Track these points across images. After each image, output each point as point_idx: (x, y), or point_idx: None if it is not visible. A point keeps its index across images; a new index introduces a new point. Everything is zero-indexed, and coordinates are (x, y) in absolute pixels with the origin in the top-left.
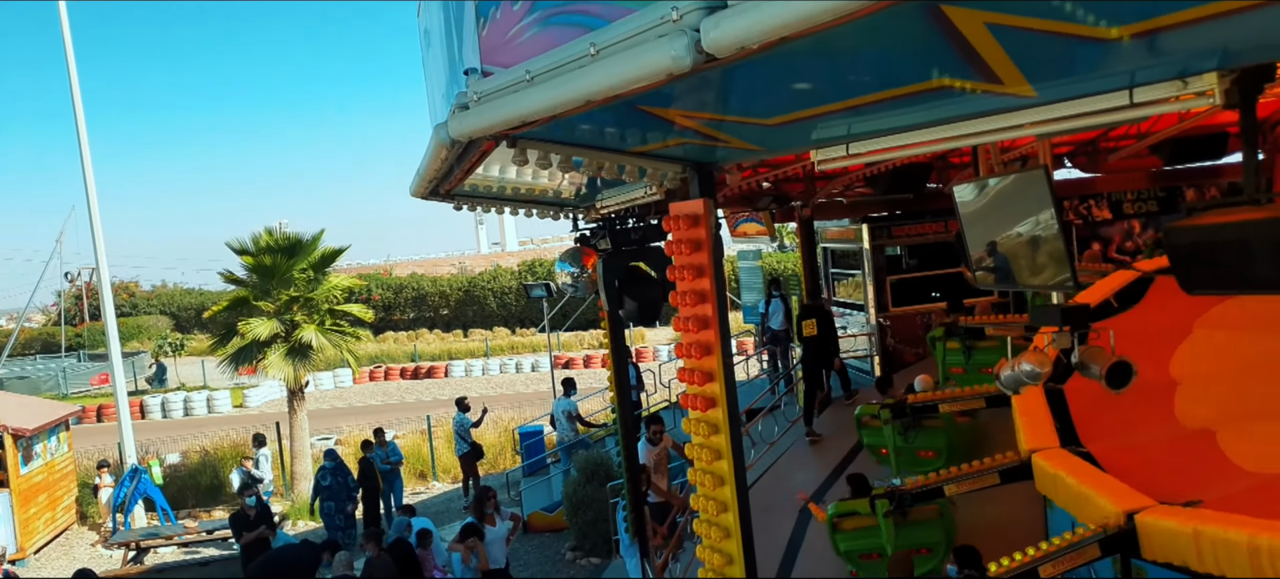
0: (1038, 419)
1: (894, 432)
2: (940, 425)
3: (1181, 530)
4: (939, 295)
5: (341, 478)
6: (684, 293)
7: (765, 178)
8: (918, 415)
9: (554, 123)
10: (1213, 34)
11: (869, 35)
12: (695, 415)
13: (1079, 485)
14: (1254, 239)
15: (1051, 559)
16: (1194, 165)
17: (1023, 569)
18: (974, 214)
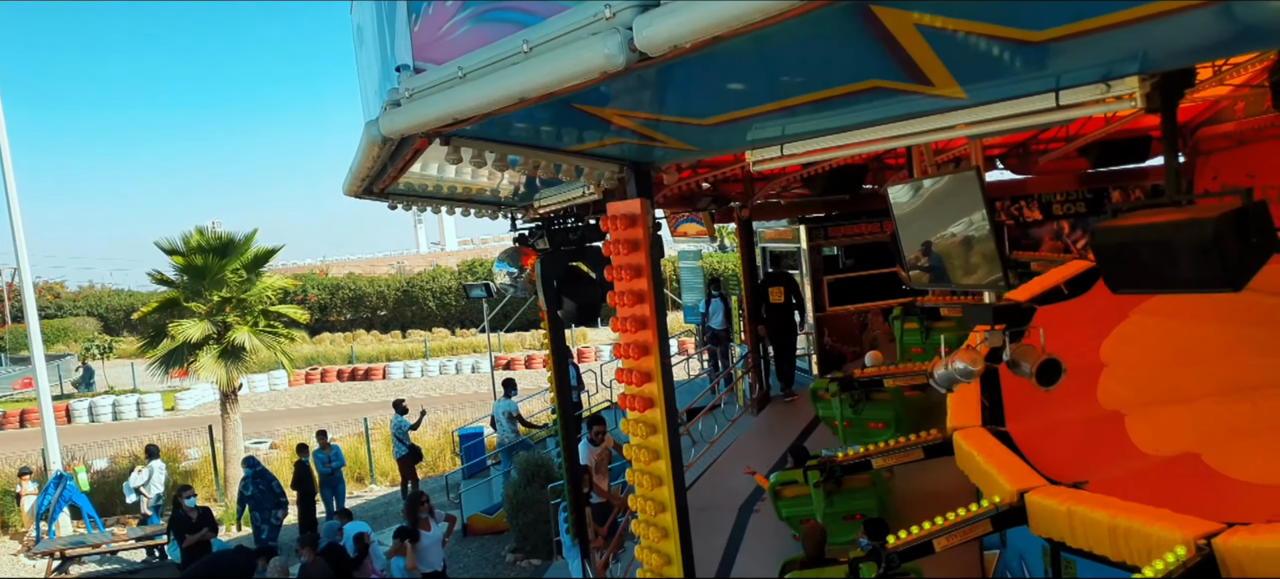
0: (966, 398)
1: (843, 404)
2: (888, 399)
3: (1058, 509)
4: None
5: (264, 484)
6: (622, 293)
7: (705, 178)
8: (866, 389)
9: (488, 120)
10: (1132, 39)
11: (801, 35)
12: (633, 416)
13: (984, 463)
14: (1174, 239)
15: (946, 533)
16: (1120, 168)
17: (918, 541)
18: (908, 215)
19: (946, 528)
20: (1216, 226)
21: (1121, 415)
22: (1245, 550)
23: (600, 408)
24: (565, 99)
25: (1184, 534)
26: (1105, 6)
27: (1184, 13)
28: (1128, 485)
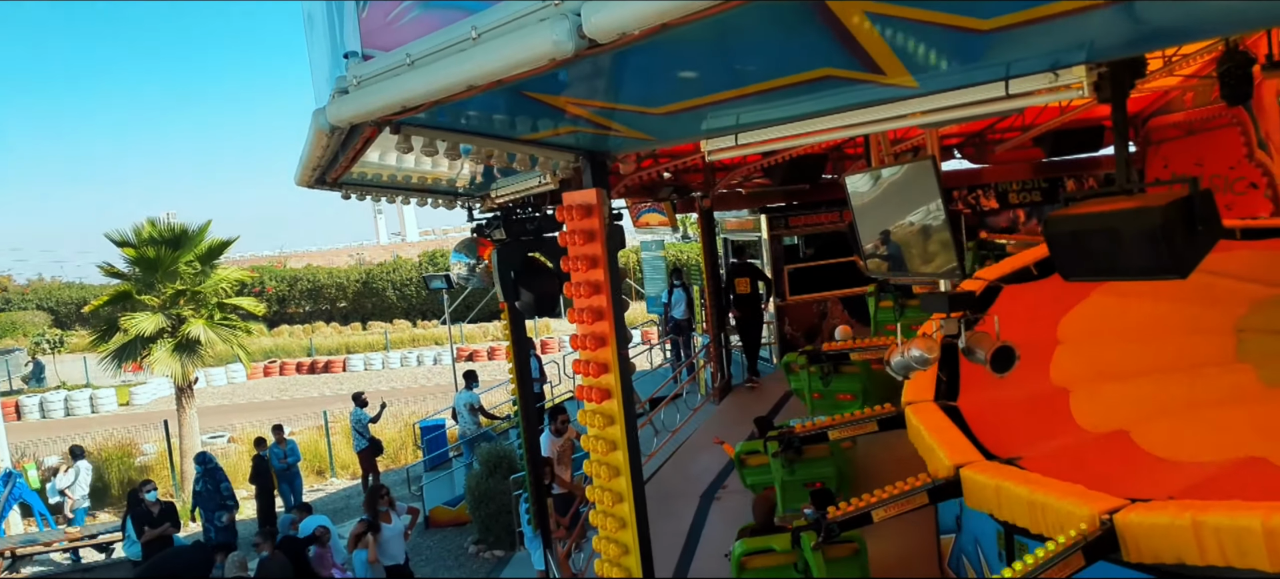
0: (950, 436)
1: (813, 377)
2: (857, 372)
3: (988, 484)
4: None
5: (211, 484)
6: (578, 284)
7: (666, 168)
8: (835, 362)
9: (439, 109)
10: (1079, 28)
11: (751, 23)
12: (590, 407)
13: (928, 437)
14: (1124, 228)
15: (884, 505)
16: (1074, 157)
17: (857, 513)
18: (866, 205)
19: (884, 500)
20: (1164, 215)
21: (1067, 391)
22: (1141, 526)
23: (564, 399)
24: (517, 87)
25: (1089, 510)
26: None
27: (1119, 4)
28: (1060, 460)
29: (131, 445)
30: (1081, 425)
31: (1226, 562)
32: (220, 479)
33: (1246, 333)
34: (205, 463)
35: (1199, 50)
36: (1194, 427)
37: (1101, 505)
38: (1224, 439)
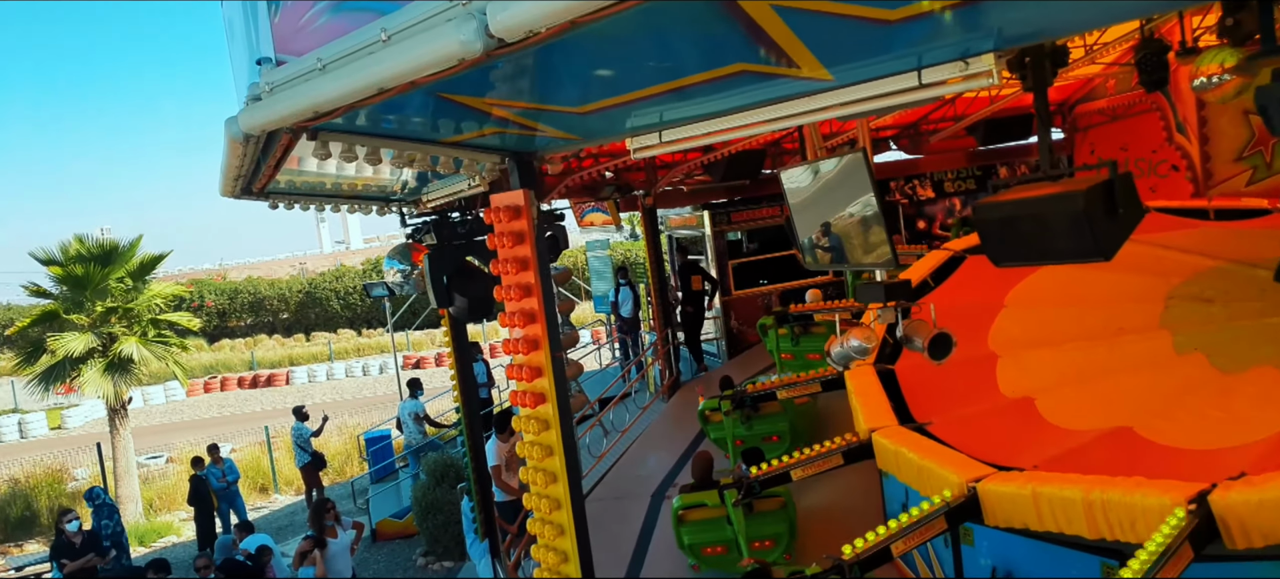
0: (874, 399)
1: (735, 422)
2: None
3: (889, 448)
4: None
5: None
6: (508, 287)
7: (607, 167)
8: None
9: (356, 113)
10: (982, 16)
11: (660, 19)
12: (526, 412)
13: (854, 400)
14: (1049, 212)
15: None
16: (1006, 145)
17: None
18: (802, 199)
19: (802, 461)
20: (1087, 199)
21: (996, 357)
22: (995, 495)
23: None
24: (434, 88)
25: (959, 477)
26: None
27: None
28: (968, 426)
29: (62, 471)
30: (1001, 391)
31: (1058, 528)
32: (111, 514)
33: (1175, 300)
34: (94, 500)
35: (1118, 38)
36: (1088, 395)
37: (970, 473)
38: (1107, 409)
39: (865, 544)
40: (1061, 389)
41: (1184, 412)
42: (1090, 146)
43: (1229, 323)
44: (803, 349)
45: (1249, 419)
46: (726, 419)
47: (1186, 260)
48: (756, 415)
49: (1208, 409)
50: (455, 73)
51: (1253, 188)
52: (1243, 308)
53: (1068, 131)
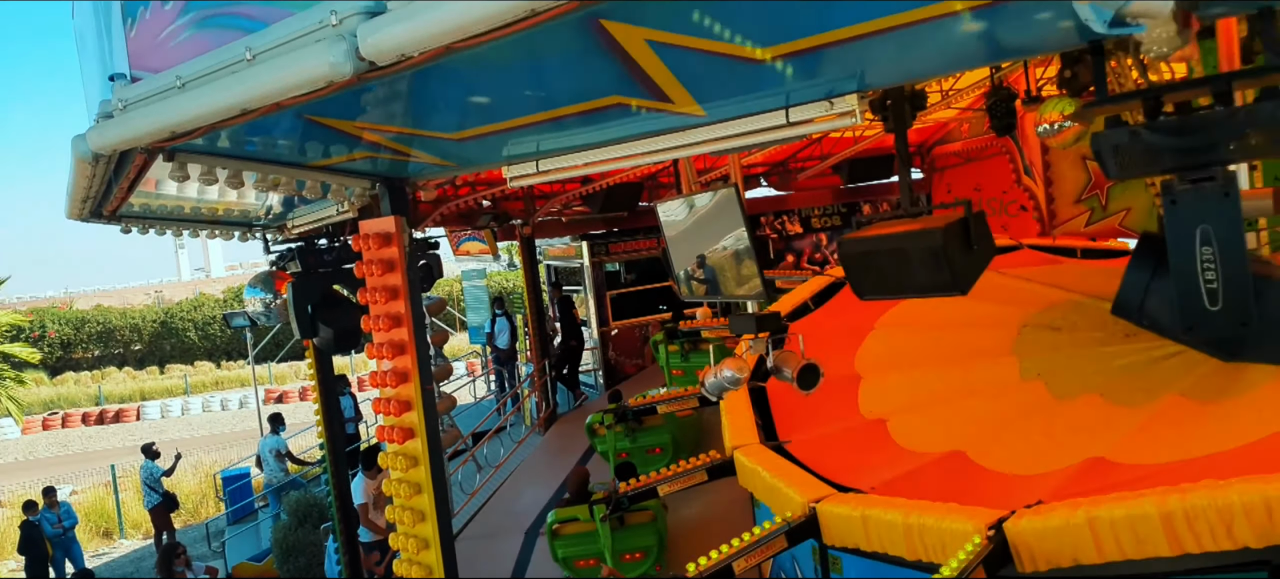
0: (741, 417)
1: (619, 435)
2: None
3: (747, 464)
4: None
5: None
6: (377, 316)
7: (484, 196)
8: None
9: (217, 133)
10: (846, 58)
11: (535, 49)
12: (393, 448)
13: (771, 478)
14: (910, 248)
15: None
16: (870, 183)
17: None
18: (678, 231)
19: (669, 477)
20: (944, 235)
21: (883, 421)
22: (833, 516)
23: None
24: (300, 110)
25: (801, 497)
26: (812, 27)
27: (875, 36)
28: (825, 446)
29: None
30: (861, 411)
31: (884, 550)
32: None
33: (1028, 327)
34: None
35: (971, 85)
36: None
37: (812, 493)
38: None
39: (708, 562)
40: (913, 411)
41: (1014, 436)
42: (947, 186)
43: (1071, 350)
44: (692, 364)
45: (1066, 445)
46: (608, 433)
47: (1047, 292)
48: (640, 428)
49: (1035, 434)
50: (324, 95)
51: (1091, 227)
52: (1086, 337)
53: (926, 172)
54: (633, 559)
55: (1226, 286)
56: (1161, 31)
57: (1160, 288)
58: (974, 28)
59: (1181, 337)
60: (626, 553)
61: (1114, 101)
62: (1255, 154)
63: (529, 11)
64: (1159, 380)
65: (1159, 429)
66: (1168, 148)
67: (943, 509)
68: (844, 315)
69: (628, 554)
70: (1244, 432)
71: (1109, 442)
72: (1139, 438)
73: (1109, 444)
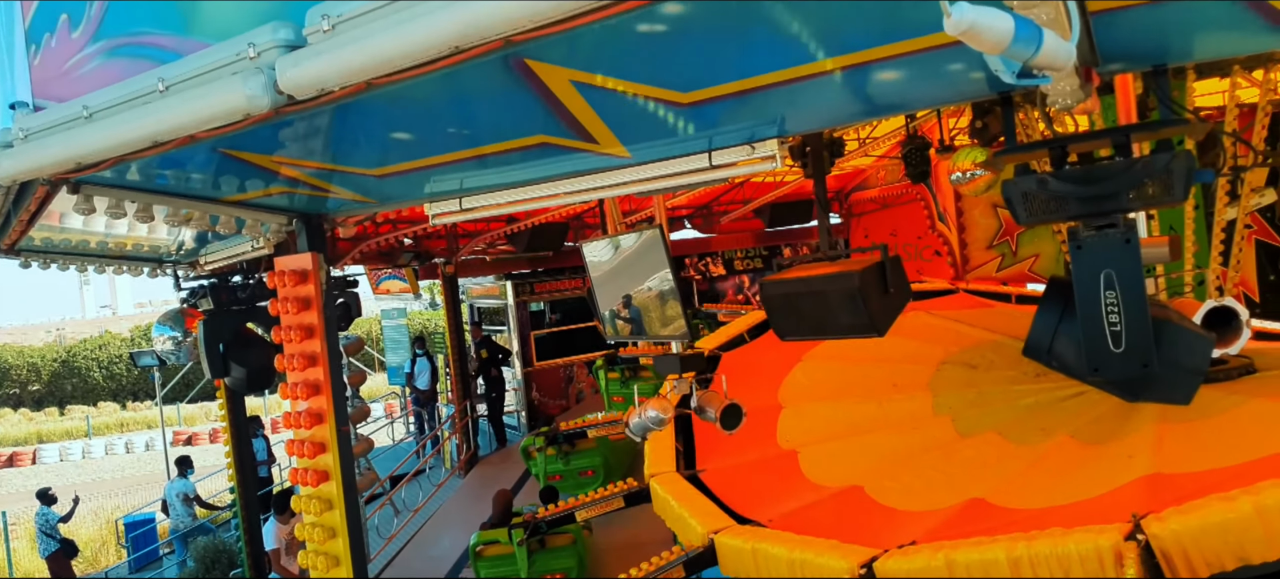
0: (662, 444)
1: (550, 458)
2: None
3: (660, 493)
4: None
5: None
6: (292, 355)
7: (405, 234)
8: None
9: (126, 165)
10: (766, 104)
11: (460, 87)
12: (307, 491)
13: (678, 507)
14: (829, 290)
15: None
16: (790, 227)
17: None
18: (603, 272)
19: (586, 502)
20: (862, 278)
21: (795, 452)
22: (728, 548)
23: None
24: (215, 144)
25: (702, 527)
26: (733, 73)
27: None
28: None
29: None
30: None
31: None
32: None
33: (948, 364)
34: None
35: (887, 134)
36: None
37: (713, 524)
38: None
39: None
40: (824, 444)
41: (911, 472)
42: (864, 231)
43: (983, 388)
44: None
45: (955, 483)
46: (539, 456)
47: (971, 332)
48: (573, 451)
49: (930, 471)
50: (241, 128)
51: (1001, 273)
52: (1000, 375)
53: (844, 217)
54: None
55: (1129, 329)
56: (1065, 84)
57: (1068, 330)
58: (890, 77)
59: (1088, 377)
60: (547, 573)
61: (1022, 150)
62: (1152, 202)
63: (452, 48)
64: (1056, 420)
65: (1041, 472)
66: (1073, 195)
67: (823, 545)
68: (777, 348)
69: (547, 575)
70: (1113, 477)
71: (993, 483)
72: (1020, 481)
73: (992, 485)
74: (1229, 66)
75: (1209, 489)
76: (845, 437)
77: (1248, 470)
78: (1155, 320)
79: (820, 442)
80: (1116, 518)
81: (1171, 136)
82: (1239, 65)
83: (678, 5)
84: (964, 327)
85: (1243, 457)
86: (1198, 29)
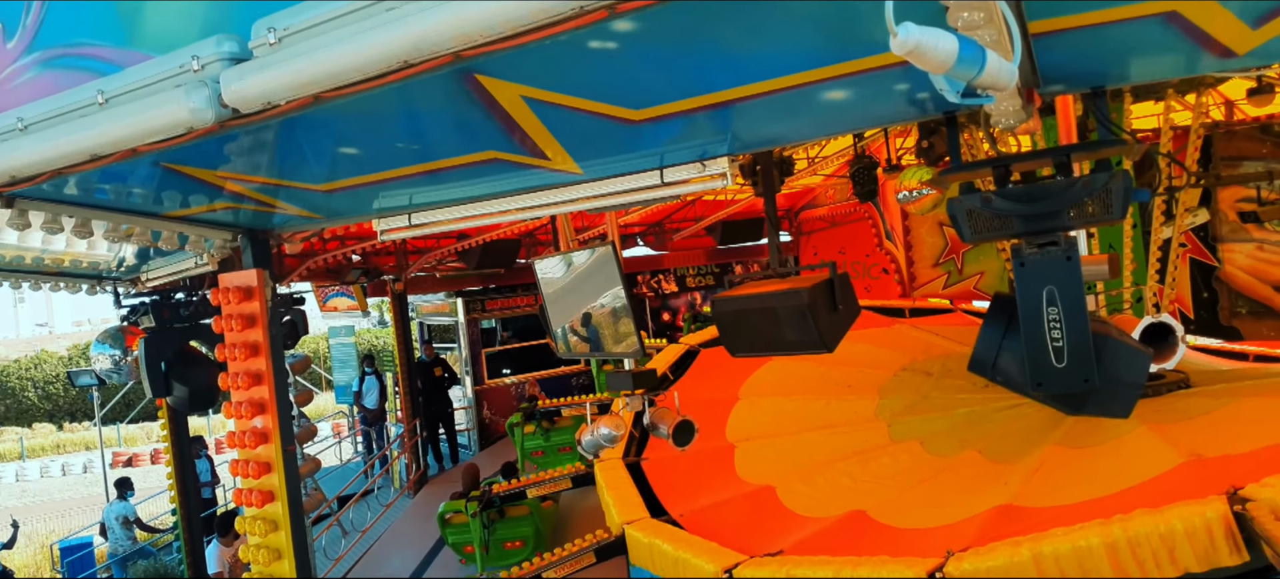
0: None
1: (479, 524)
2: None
3: (601, 482)
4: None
5: None
6: (236, 374)
7: (354, 250)
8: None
9: (64, 179)
10: (716, 122)
11: (409, 101)
12: (252, 512)
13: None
14: (778, 307)
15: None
16: (741, 245)
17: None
18: (555, 289)
19: (539, 480)
20: (811, 295)
21: (772, 488)
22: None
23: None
24: (157, 158)
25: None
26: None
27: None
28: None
29: None
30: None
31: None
32: None
33: (886, 395)
34: None
35: (836, 153)
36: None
37: (725, 561)
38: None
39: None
40: (762, 440)
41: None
42: (813, 249)
43: (927, 395)
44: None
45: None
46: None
47: (940, 343)
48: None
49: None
50: (184, 142)
51: (948, 290)
52: (950, 383)
53: (794, 235)
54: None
55: (1070, 344)
56: (1008, 104)
57: (1012, 345)
58: (839, 96)
59: (1031, 392)
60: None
61: (967, 169)
62: (1092, 221)
63: (402, 63)
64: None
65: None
66: (1016, 213)
67: (702, 546)
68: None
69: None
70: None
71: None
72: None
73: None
74: (1164, 90)
75: (1048, 524)
76: (783, 434)
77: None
78: (1096, 336)
79: (759, 438)
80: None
81: (1110, 156)
82: (1173, 89)
83: (629, 23)
84: (937, 338)
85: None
86: (1134, 52)
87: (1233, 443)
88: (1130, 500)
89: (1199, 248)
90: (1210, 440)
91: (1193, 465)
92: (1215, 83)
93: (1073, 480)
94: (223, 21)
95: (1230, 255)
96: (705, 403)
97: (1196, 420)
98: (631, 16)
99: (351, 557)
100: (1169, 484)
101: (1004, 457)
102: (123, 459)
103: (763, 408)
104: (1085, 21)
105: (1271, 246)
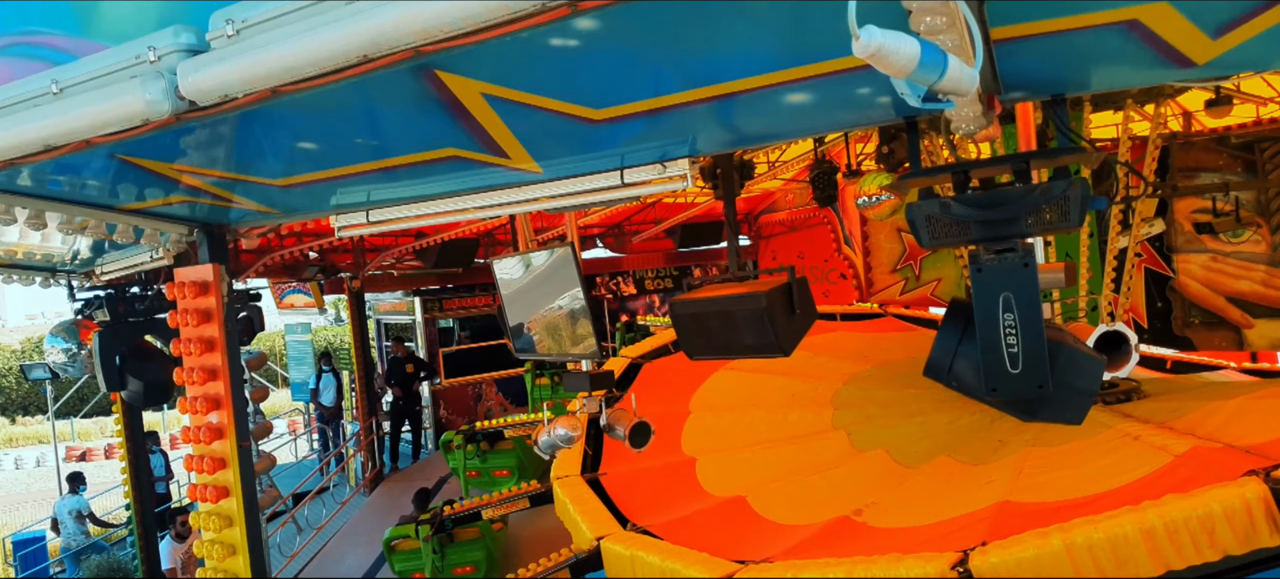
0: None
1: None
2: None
3: (561, 497)
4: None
5: None
6: (191, 369)
7: (311, 247)
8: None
9: (17, 170)
10: (677, 124)
11: (368, 96)
12: (206, 508)
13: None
14: (737, 310)
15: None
16: (700, 248)
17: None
18: (513, 289)
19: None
20: (769, 299)
21: (743, 498)
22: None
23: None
24: (113, 150)
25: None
26: (645, 91)
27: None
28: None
29: None
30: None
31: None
32: None
33: (840, 406)
34: None
35: (796, 157)
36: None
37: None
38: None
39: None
40: (722, 453)
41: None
42: (772, 253)
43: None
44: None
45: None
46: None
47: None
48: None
49: (813, 486)
50: (139, 134)
51: (904, 296)
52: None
53: (753, 239)
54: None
55: (1026, 351)
56: (969, 110)
57: (967, 351)
58: (800, 100)
59: (985, 397)
60: (455, 568)
61: (926, 175)
62: (1049, 228)
63: (361, 57)
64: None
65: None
66: (974, 220)
67: (691, 556)
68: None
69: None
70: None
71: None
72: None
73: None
74: (1123, 100)
75: (1054, 519)
76: (743, 448)
77: (1091, 503)
78: (1051, 343)
79: (719, 451)
80: (961, 544)
81: (1069, 165)
82: (1132, 99)
83: (590, 21)
84: (877, 346)
85: (1102, 486)
86: (1095, 60)
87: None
88: (1139, 492)
89: (1154, 258)
90: (1209, 436)
91: (1197, 453)
92: (1174, 93)
93: (1069, 478)
94: (180, 13)
95: (1185, 266)
96: (656, 417)
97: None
98: (593, 15)
99: (306, 554)
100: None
101: (978, 460)
102: (76, 453)
103: (718, 422)
104: (1047, 28)
105: (1225, 258)
